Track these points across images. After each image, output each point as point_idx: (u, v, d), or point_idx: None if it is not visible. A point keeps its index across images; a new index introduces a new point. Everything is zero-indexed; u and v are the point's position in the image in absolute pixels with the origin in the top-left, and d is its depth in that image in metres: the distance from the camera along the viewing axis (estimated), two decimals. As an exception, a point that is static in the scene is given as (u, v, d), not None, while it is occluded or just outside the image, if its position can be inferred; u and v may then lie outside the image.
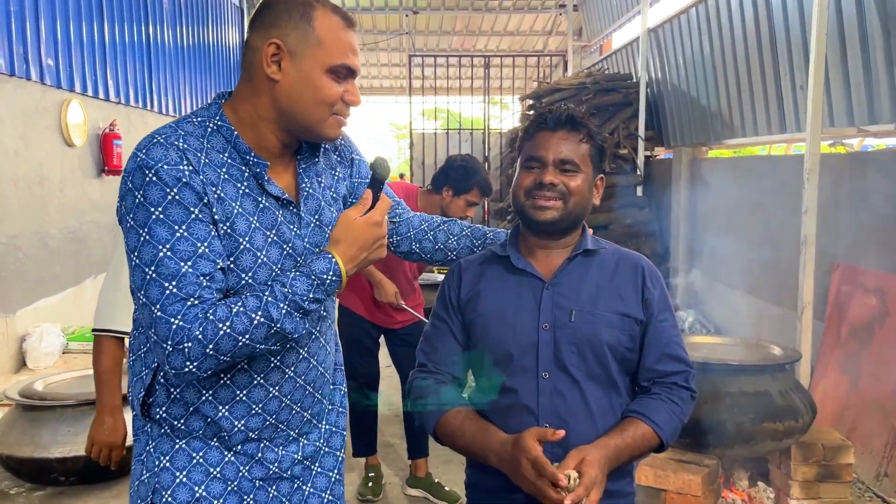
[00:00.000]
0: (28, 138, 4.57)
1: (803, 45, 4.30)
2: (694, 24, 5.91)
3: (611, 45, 9.48)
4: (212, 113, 1.31)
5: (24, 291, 4.47)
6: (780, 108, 4.78)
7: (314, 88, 1.27)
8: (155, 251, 1.20)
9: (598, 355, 1.46)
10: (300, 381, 1.39)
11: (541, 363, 1.47)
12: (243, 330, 1.20)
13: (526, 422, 1.46)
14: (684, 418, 1.48)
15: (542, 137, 1.49)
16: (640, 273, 1.52)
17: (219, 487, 1.34)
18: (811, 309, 3.66)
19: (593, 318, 1.46)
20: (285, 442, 1.41)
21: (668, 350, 1.50)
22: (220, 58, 9.40)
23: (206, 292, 1.21)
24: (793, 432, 2.75)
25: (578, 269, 1.51)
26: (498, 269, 1.56)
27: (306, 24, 1.26)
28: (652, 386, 1.49)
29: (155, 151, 1.22)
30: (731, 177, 5.43)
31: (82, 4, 5.35)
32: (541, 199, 1.47)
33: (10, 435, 3.26)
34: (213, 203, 1.24)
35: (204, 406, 1.31)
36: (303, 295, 1.24)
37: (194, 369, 1.20)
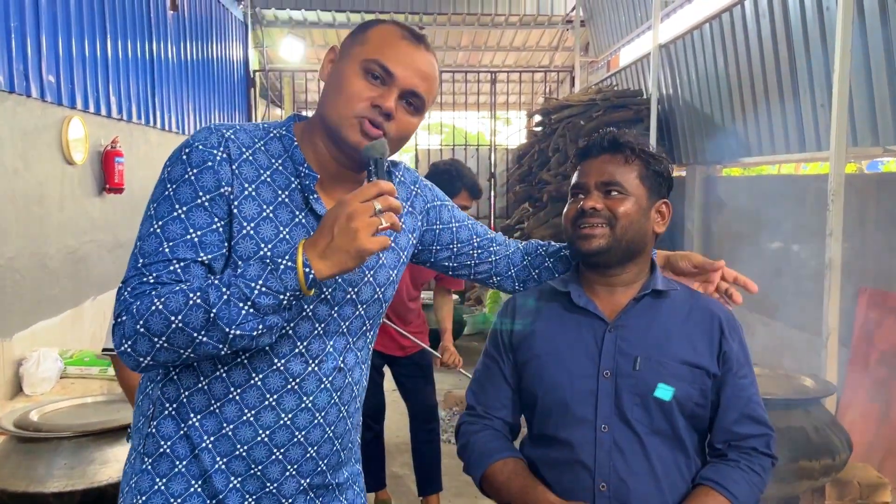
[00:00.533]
0: (28, 156, 4.46)
1: (825, 61, 4.19)
2: (707, 40, 5.81)
3: (618, 61, 9.39)
4: (281, 124, 1.29)
5: (21, 314, 4.34)
6: (798, 126, 4.66)
7: (340, 81, 1.19)
8: (150, 225, 1.16)
9: (664, 409, 1.32)
10: (299, 437, 1.22)
11: (600, 414, 1.32)
12: (176, 309, 1.06)
13: (581, 479, 1.31)
14: (763, 489, 1.34)
15: (585, 165, 1.39)
16: (718, 322, 1.38)
17: None
18: (837, 335, 3.52)
19: (660, 368, 1.32)
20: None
21: (749, 410, 1.36)
22: (225, 74, 9.32)
23: (169, 276, 1.12)
24: (829, 471, 2.61)
25: (646, 312, 1.37)
26: (556, 307, 1.41)
27: (364, 31, 1.25)
28: (728, 450, 1.34)
29: (201, 133, 1.21)
30: (748, 196, 5.30)
31: (84, 20, 5.27)
32: (585, 226, 1.34)
33: (4, 468, 3.12)
34: (238, 197, 1.17)
35: (192, 431, 1.20)
36: (251, 279, 1.06)
37: (129, 349, 1.09)
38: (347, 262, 1.08)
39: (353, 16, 10.70)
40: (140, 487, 1.21)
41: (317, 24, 10.99)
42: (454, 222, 1.47)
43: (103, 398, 3.70)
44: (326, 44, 11.65)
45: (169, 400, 1.22)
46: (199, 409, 1.20)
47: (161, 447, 1.21)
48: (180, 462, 1.20)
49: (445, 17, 10.78)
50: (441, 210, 1.45)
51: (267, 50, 11.04)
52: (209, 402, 1.20)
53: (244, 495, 1.22)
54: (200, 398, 1.20)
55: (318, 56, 11.80)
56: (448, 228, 1.46)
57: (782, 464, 2.55)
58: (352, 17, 10.74)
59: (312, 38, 11.44)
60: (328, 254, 1.07)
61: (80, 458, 3.15)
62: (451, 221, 1.46)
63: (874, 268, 3.78)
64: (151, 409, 1.24)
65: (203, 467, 1.20)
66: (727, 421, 1.36)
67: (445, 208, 1.47)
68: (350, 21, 10.83)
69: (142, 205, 4.05)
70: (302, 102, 12.91)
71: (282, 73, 11.48)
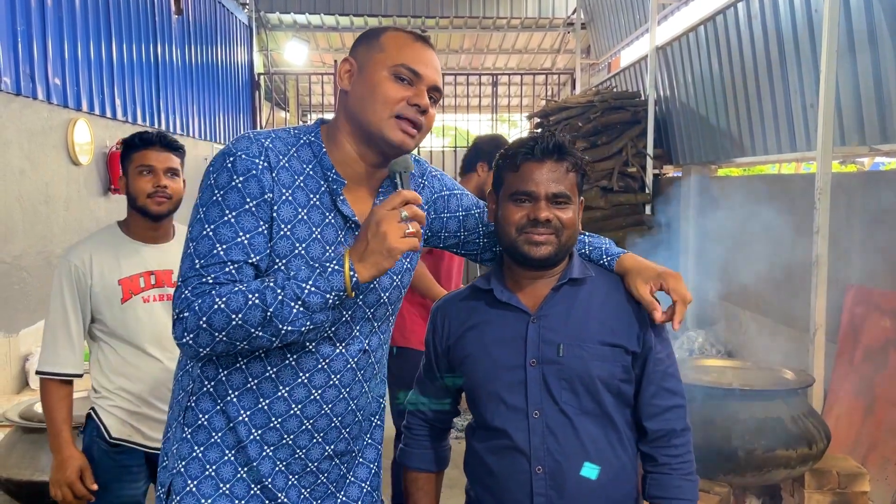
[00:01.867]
0: (34, 158, 4.57)
1: (813, 62, 4.26)
2: (703, 42, 5.88)
3: (619, 63, 9.47)
4: (310, 130, 1.39)
5: (27, 311, 4.45)
6: (789, 126, 4.73)
7: (373, 87, 1.31)
8: (202, 228, 1.27)
9: (591, 390, 1.41)
10: (326, 409, 1.37)
11: (530, 401, 1.41)
12: (237, 308, 1.21)
13: (519, 463, 1.41)
14: (695, 472, 1.46)
15: (529, 169, 1.41)
16: (634, 302, 1.46)
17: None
18: (824, 331, 3.58)
19: (582, 352, 1.40)
20: (301, 472, 1.38)
21: (664, 383, 1.46)
22: (229, 76, 9.44)
23: (225, 277, 1.25)
24: (807, 460, 2.67)
25: (565, 300, 1.45)
26: (482, 305, 1.50)
27: (375, 40, 1.36)
28: (655, 453, 1.46)
29: (241, 142, 1.31)
30: (742, 196, 5.37)
31: (90, 23, 5.38)
32: (535, 234, 1.40)
33: (10, 458, 3.22)
34: (277, 202, 1.29)
35: (229, 406, 1.34)
36: (302, 280, 1.22)
37: (191, 342, 1.23)
38: (383, 262, 1.24)
39: (357, 19, 10.82)
40: (181, 453, 1.36)
41: (321, 27, 11.11)
42: (461, 211, 1.56)
43: (106, 392, 3.80)
44: (330, 47, 11.76)
45: (208, 378, 1.36)
46: (237, 387, 1.34)
47: (199, 420, 1.35)
48: (216, 433, 1.35)
49: (448, 20, 10.88)
50: (449, 199, 1.55)
51: (271, 53, 11.16)
52: (247, 380, 1.34)
53: (275, 462, 1.36)
54: (238, 377, 1.34)
55: (322, 59, 11.92)
56: (455, 217, 1.56)
57: (760, 452, 2.63)
58: (355, 21, 10.86)
59: (316, 42, 11.56)
60: (366, 256, 1.23)
61: (82, 448, 3.24)
62: (458, 210, 1.56)
63: (860, 265, 3.84)
64: (191, 384, 1.38)
65: (238, 438, 1.34)
66: (646, 394, 1.46)
67: (454, 197, 1.56)
68: (353, 24, 10.94)
69: (145, 204, 3.94)
70: (306, 105, 13.03)
71: (286, 76, 11.60)
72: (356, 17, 10.70)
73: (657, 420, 1.45)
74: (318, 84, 12.19)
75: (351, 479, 1.46)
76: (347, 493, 1.45)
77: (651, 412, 1.45)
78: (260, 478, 1.35)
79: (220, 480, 1.34)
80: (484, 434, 1.48)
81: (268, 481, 1.35)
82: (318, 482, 1.40)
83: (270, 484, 1.35)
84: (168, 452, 1.40)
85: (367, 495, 1.49)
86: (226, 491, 1.34)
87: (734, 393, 2.69)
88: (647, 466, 1.48)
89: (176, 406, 1.41)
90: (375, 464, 1.52)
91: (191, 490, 1.34)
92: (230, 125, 9.37)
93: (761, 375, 2.98)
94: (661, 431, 1.45)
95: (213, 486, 1.34)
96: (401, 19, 10.80)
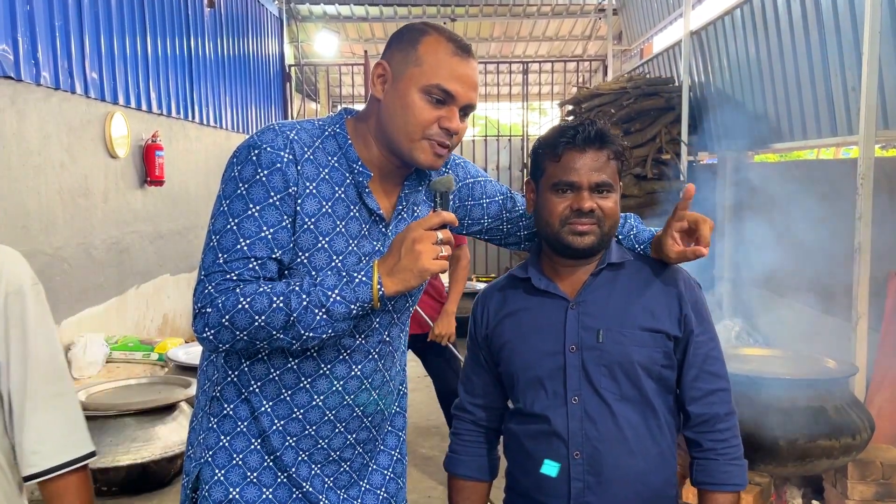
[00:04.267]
0: (73, 151, 4.65)
1: (855, 45, 4.15)
2: (739, 26, 5.77)
3: (651, 49, 9.33)
4: (334, 121, 1.37)
5: (69, 301, 4.54)
6: (830, 110, 4.62)
7: (404, 106, 1.27)
8: (225, 222, 1.25)
9: (631, 376, 1.40)
10: (348, 400, 1.37)
11: (569, 387, 1.41)
12: (261, 310, 1.20)
13: (557, 448, 1.41)
14: (742, 454, 1.45)
15: (570, 158, 1.40)
16: (675, 286, 1.45)
17: (253, 492, 1.35)
18: (866, 319, 3.51)
19: (622, 338, 1.40)
20: (324, 461, 1.39)
21: (707, 366, 1.45)
22: (261, 68, 9.50)
23: (249, 273, 1.24)
24: (850, 450, 2.63)
25: (604, 285, 1.44)
26: (520, 293, 1.50)
27: (412, 45, 1.30)
28: (701, 439, 1.44)
29: (266, 135, 1.29)
30: (779, 182, 5.26)
31: (125, 19, 5.45)
32: (579, 224, 1.39)
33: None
34: (301, 195, 1.27)
35: (252, 396, 1.35)
36: (328, 288, 1.21)
37: (211, 337, 1.23)
38: (411, 280, 1.22)
39: (387, 9, 10.80)
40: (207, 443, 1.37)
41: (350, 18, 11.12)
42: (485, 198, 1.56)
43: (146, 380, 3.88)
44: (360, 37, 11.77)
45: (232, 368, 1.37)
46: (260, 377, 1.35)
47: (224, 409, 1.37)
48: (241, 423, 1.36)
49: (477, 8, 10.81)
50: (473, 187, 1.55)
51: (302, 45, 11.21)
52: (269, 371, 1.34)
53: (298, 452, 1.37)
54: (261, 368, 1.35)
55: (352, 50, 11.94)
56: (479, 204, 1.56)
57: (802, 442, 2.59)
58: (385, 11, 10.84)
59: (346, 32, 11.57)
60: (395, 272, 1.22)
61: (124, 435, 3.32)
62: (482, 197, 1.56)
63: (904, 251, 3.75)
64: (216, 374, 1.39)
65: (262, 428, 1.35)
66: (688, 378, 1.44)
67: (478, 184, 1.56)
68: (383, 14, 10.94)
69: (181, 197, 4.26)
70: (336, 96, 13.07)
71: (317, 67, 11.64)
72: (386, 6, 10.69)
73: (700, 404, 1.44)
74: (348, 75, 12.21)
75: (373, 467, 1.47)
76: (370, 481, 1.46)
77: (694, 396, 1.44)
78: (284, 467, 1.36)
79: (248, 469, 1.35)
80: (522, 419, 1.48)
81: (292, 471, 1.36)
82: (340, 470, 1.41)
83: (294, 473, 1.36)
84: (194, 442, 1.41)
85: (391, 482, 1.50)
86: (253, 479, 1.35)
87: (776, 382, 2.65)
88: (692, 452, 1.46)
89: (202, 396, 1.42)
90: (397, 451, 1.52)
91: (219, 479, 1.35)
92: (262, 117, 9.44)
93: (803, 364, 2.93)
94: (705, 416, 1.44)
95: (241, 475, 1.35)
96: (430, 8, 10.76)
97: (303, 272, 1.28)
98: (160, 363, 4.59)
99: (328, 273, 1.25)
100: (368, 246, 1.34)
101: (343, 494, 1.42)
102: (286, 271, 1.30)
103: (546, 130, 1.50)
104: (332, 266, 1.29)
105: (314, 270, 1.28)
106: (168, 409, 3.48)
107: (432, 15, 10.92)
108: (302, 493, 1.37)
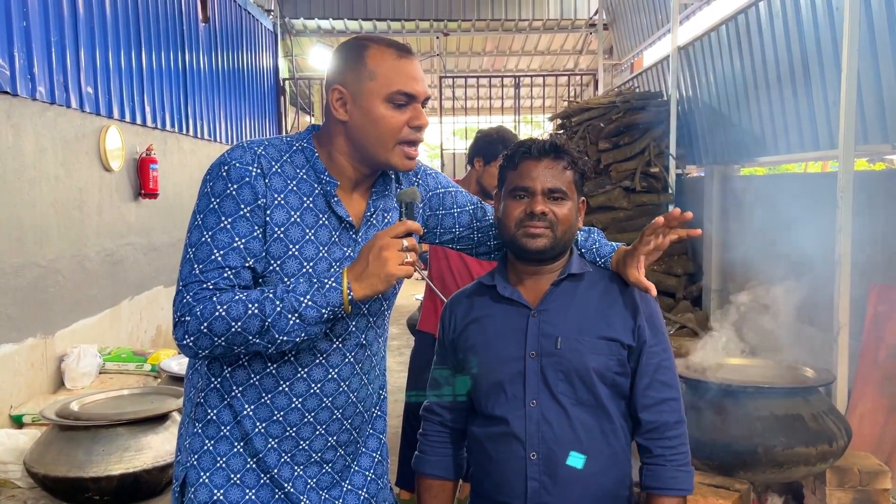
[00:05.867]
0: (68, 164, 4.70)
1: (835, 60, 4.25)
2: (725, 42, 5.87)
3: (642, 64, 9.45)
4: (302, 136, 1.44)
5: (62, 313, 4.58)
6: (812, 125, 4.71)
7: (375, 121, 1.35)
8: (200, 234, 1.33)
9: (587, 382, 1.47)
10: (327, 402, 1.43)
11: (528, 391, 1.48)
12: (237, 316, 1.27)
13: (515, 450, 1.49)
14: (689, 460, 1.51)
15: (526, 167, 1.50)
16: (630, 297, 1.52)
17: (237, 493, 1.41)
18: (847, 330, 3.58)
19: (579, 345, 1.47)
20: (306, 462, 1.45)
21: (658, 375, 1.52)
22: (255, 82, 9.58)
23: (224, 282, 1.31)
24: (827, 457, 2.68)
25: (564, 295, 1.52)
26: (486, 300, 1.58)
27: (360, 63, 1.36)
28: (651, 444, 1.51)
29: (235, 152, 1.36)
30: (765, 195, 5.35)
31: (121, 33, 5.52)
32: (531, 227, 1.47)
33: (47, 455, 3.33)
34: (270, 206, 1.34)
35: (234, 401, 1.41)
36: (300, 294, 1.28)
37: (191, 343, 1.30)
38: (378, 284, 1.29)
39: (380, 24, 10.92)
40: (193, 447, 1.44)
41: (344, 32, 11.22)
42: (456, 208, 1.63)
43: (139, 391, 3.91)
44: (354, 51, 11.86)
45: (214, 375, 1.43)
46: (241, 383, 1.41)
47: (208, 414, 1.43)
48: (225, 427, 1.42)
49: (469, 23, 10.93)
50: (444, 197, 1.62)
51: (296, 59, 11.30)
52: (249, 376, 1.41)
53: (280, 454, 1.43)
54: (242, 373, 1.41)
55: (345, 63, 12.02)
56: (450, 213, 1.63)
57: (780, 450, 2.64)
58: (378, 26, 10.96)
59: (340, 46, 11.67)
60: (363, 277, 1.29)
61: (116, 445, 3.35)
62: (452, 207, 1.63)
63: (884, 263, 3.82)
64: (200, 381, 1.46)
65: (244, 431, 1.42)
66: (640, 386, 1.52)
67: (448, 194, 1.63)
68: (376, 29, 11.04)
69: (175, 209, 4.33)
70: (331, 109, 13.13)
71: (311, 80, 11.73)
72: (379, 21, 10.81)
73: (651, 412, 1.51)
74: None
75: (355, 468, 1.53)
76: (352, 482, 1.52)
77: (645, 403, 1.51)
78: (267, 468, 1.42)
79: (231, 471, 1.41)
80: (484, 421, 1.55)
81: (274, 471, 1.42)
82: (322, 472, 1.47)
83: (277, 474, 1.42)
84: (181, 447, 1.47)
85: (372, 483, 1.55)
86: (237, 481, 1.41)
87: (754, 390, 2.71)
88: (643, 458, 1.53)
89: (188, 403, 1.49)
90: (378, 452, 1.58)
91: (204, 481, 1.41)
92: (256, 130, 9.51)
93: (782, 373, 2.99)
94: (655, 423, 1.50)
95: (225, 477, 1.41)
96: (423, 23, 10.88)
97: (275, 279, 1.35)
98: (153, 374, 4.62)
99: (300, 280, 1.32)
100: (339, 252, 1.40)
101: (325, 495, 1.47)
102: (260, 279, 1.36)
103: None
104: (303, 272, 1.36)
105: (286, 277, 1.35)
106: (160, 418, 3.52)
107: (425, 29, 11.04)
108: (284, 493, 1.43)
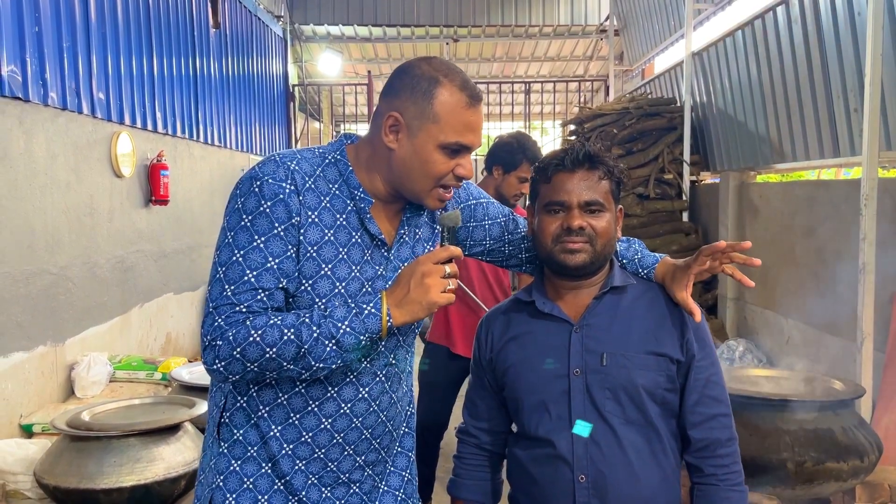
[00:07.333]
0: (79, 170, 4.67)
1: (857, 66, 4.18)
2: (741, 47, 5.81)
3: (653, 70, 9.39)
4: (335, 148, 1.39)
5: (73, 320, 4.54)
6: (832, 131, 4.65)
7: (423, 162, 1.30)
8: (231, 253, 1.27)
9: (635, 400, 1.40)
10: (356, 422, 1.38)
11: (574, 411, 1.41)
12: (272, 342, 1.22)
13: (561, 472, 1.42)
14: (742, 479, 1.45)
15: (560, 179, 1.44)
16: (677, 310, 1.45)
17: None
18: (871, 340, 3.51)
19: (626, 361, 1.40)
20: (333, 483, 1.39)
21: (707, 390, 1.45)
22: (265, 88, 9.56)
23: (258, 305, 1.25)
24: (858, 472, 2.61)
25: (607, 309, 1.45)
26: (524, 316, 1.51)
27: (427, 100, 1.29)
28: (702, 464, 1.44)
29: (268, 166, 1.31)
30: (782, 202, 5.28)
31: (132, 39, 5.50)
32: (569, 242, 1.41)
33: (58, 465, 3.28)
34: (304, 225, 1.29)
35: (261, 421, 1.36)
36: (338, 320, 1.23)
37: (222, 369, 1.25)
38: (419, 312, 1.26)
39: (390, 30, 10.89)
40: (218, 468, 1.38)
41: (354, 38, 11.20)
42: (487, 220, 1.58)
43: (150, 400, 3.86)
44: (363, 57, 11.86)
45: (240, 394, 1.38)
46: (268, 402, 1.36)
47: (234, 434, 1.38)
48: (252, 447, 1.37)
49: (480, 28, 10.89)
50: (475, 208, 1.57)
51: (306, 64, 11.28)
52: (277, 396, 1.36)
53: (308, 475, 1.37)
54: (269, 393, 1.36)
55: (355, 70, 12.03)
56: (481, 226, 1.57)
57: (810, 465, 2.57)
58: (388, 32, 10.93)
59: (350, 53, 11.66)
60: (404, 304, 1.26)
61: (127, 455, 3.29)
62: (484, 219, 1.58)
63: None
64: (224, 400, 1.40)
65: (271, 452, 1.36)
66: (689, 402, 1.45)
67: (480, 206, 1.58)
68: (386, 35, 11.02)
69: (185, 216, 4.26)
70: (340, 115, 13.13)
71: (320, 86, 11.71)
72: (389, 27, 10.78)
73: (701, 429, 1.44)
74: (351, 94, 12.29)
75: (384, 489, 1.48)
76: (382, 503, 1.47)
77: (695, 421, 1.44)
78: (294, 490, 1.37)
79: (258, 493, 1.36)
80: (527, 443, 1.48)
81: (302, 494, 1.37)
82: (350, 492, 1.42)
83: (305, 497, 1.37)
84: (206, 467, 1.42)
85: (402, 503, 1.50)
86: (264, 503, 1.36)
87: (784, 404, 2.64)
88: (693, 477, 1.46)
89: (211, 422, 1.44)
90: (408, 471, 1.53)
91: None
92: (266, 136, 9.49)
93: (809, 385, 2.92)
94: (705, 441, 1.44)
95: (252, 499, 1.36)
96: (433, 29, 10.85)
97: (307, 299, 1.30)
98: (164, 382, 4.58)
99: (334, 302, 1.27)
100: (371, 271, 1.35)
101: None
102: (290, 299, 1.31)
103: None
104: (335, 293, 1.31)
105: (318, 297, 1.30)
106: (172, 429, 3.46)
107: (435, 35, 11.01)
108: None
